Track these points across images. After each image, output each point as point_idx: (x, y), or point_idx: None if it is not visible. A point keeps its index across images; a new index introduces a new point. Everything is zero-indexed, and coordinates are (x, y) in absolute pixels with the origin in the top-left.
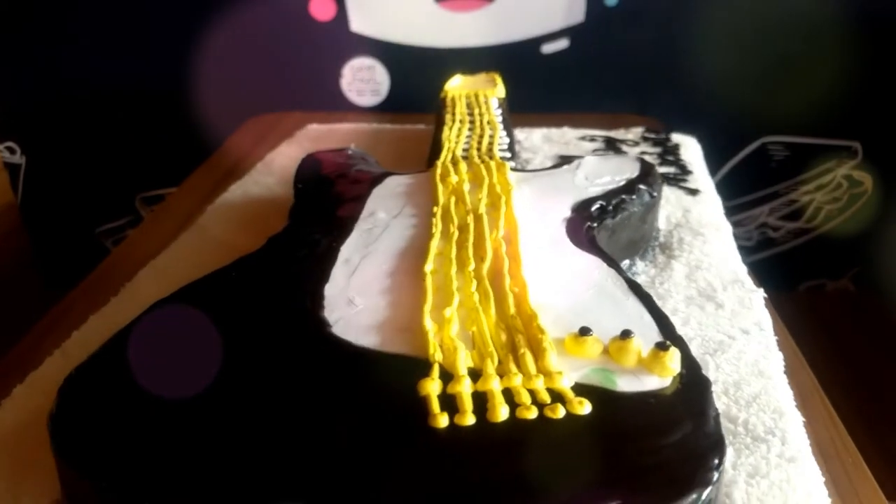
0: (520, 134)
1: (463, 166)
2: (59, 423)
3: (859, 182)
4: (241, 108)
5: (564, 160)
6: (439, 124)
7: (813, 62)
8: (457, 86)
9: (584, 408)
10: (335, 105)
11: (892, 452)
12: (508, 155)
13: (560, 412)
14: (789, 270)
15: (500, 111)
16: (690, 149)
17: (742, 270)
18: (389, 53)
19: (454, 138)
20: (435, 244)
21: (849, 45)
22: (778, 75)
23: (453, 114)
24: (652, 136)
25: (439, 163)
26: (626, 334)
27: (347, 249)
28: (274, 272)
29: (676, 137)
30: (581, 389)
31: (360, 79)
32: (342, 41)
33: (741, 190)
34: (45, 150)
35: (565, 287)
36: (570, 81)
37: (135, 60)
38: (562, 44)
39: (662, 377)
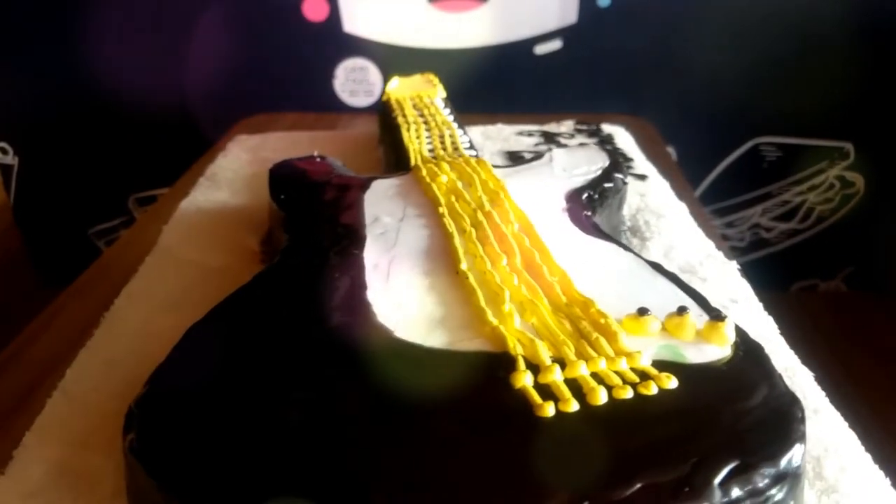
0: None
1: (445, 165)
2: (147, 445)
3: (851, 182)
4: (234, 109)
5: (516, 155)
6: (389, 127)
7: (805, 63)
8: (396, 88)
9: (671, 382)
10: (328, 106)
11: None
12: (474, 153)
13: (653, 389)
14: (782, 271)
15: (447, 111)
16: (622, 137)
17: (711, 245)
18: (382, 54)
19: (415, 139)
20: (458, 242)
21: (841, 47)
22: (770, 76)
23: (404, 115)
24: (584, 127)
25: (419, 163)
26: (682, 310)
27: (371, 255)
28: (305, 286)
29: (607, 128)
30: (658, 366)
31: (353, 79)
32: (335, 42)
33: (734, 191)
34: (37, 150)
35: (597, 272)
36: (563, 82)
37: (128, 60)
38: (555, 45)
39: (722, 346)
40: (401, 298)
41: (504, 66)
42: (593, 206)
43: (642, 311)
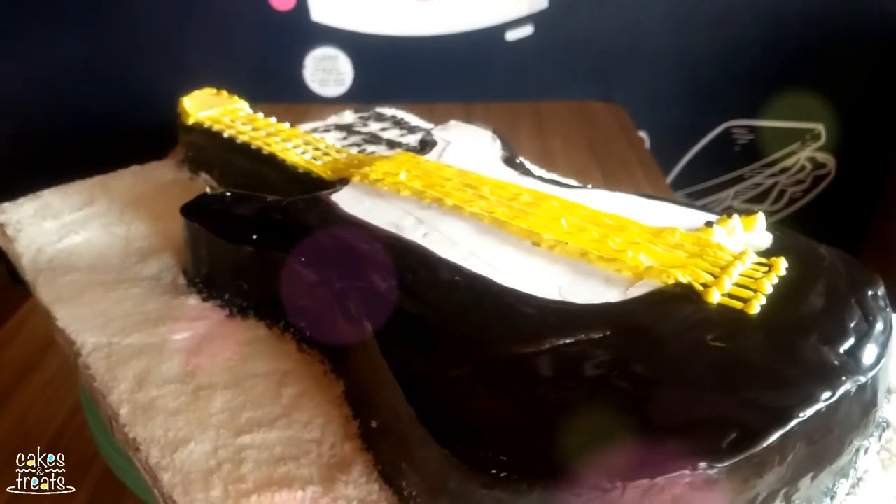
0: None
1: (382, 164)
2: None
3: (823, 164)
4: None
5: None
6: (224, 147)
7: (775, 45)
8: (192, 106)
9: (782, 262)
10: (298, 97)
11: None
12: (356, 150)
13: (782, 269)
14: None
15: (262, 115)
16: (408, 114)
17: None
18: (352, 43)
19: (289, 151)
20: (509, 221)
21: (811, 28)
22: (741, 59)
23: (242, 132)
24: (365, 113)
25: (353, 170)
26: (710, 222)
27: (442, 253)
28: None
29: (382, 109)
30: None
31: (322, 69)
32: (303, 31)
33: (706, 174)
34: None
35: (616, 209)
36: (534, 68)
37: (90, 51)
38: (526, 30)
39: (764, 233)
40: (527, 278)
41: (475, 53)
42: (525, 168)
43: (709, 224)
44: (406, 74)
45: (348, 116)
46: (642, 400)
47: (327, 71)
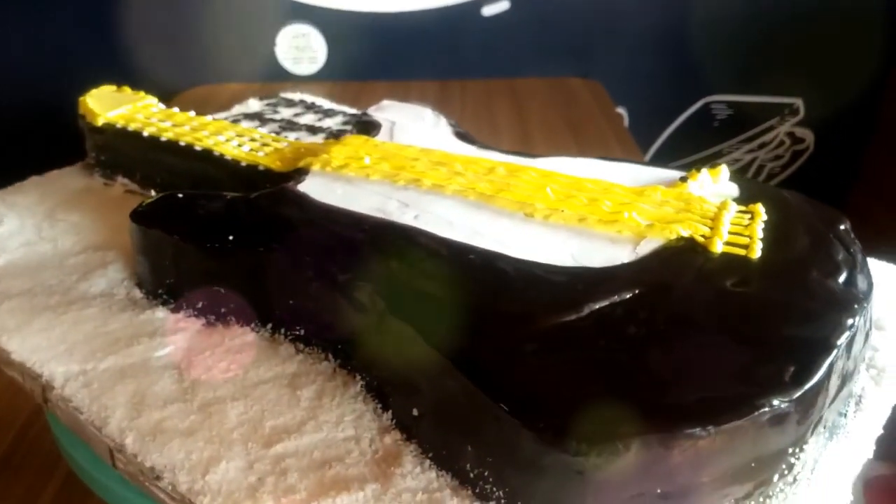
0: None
1: (339, 150)
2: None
3: (801, 139)
4: (172, 81)
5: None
6: (145, 147)
7: (754, 20)
8: (98, 105)
9: (761, 207)
10: (271, 75)
11: None
12: (294, 136)
13: (763, 215)
14: None
15: (192, 112)
16: (317, 98)
17: None
18: (325, 19)
19: (229, 145)
20: (499, 195)
21: (789, 3)
22: (720, 35)
23: (155, 131)
24: (272, 99)
25: (309, 159)
26: (684, 178)
27: (442, 233)
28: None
29: (288, 94)
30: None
31: (295, 46)
32: (275, 7)
33: (685, 151)
34: None
35: (600, 174)
36: (511, 45)
37: (58, 34)
38: (503, 5)
39: (728, 184)
40: (538, 249)
41: (451, 29)
42: (479, 142)
43: (683, 179)
44: (381, 51)
45: (254, 105)
46: (700, 349)
47: (300, 48)
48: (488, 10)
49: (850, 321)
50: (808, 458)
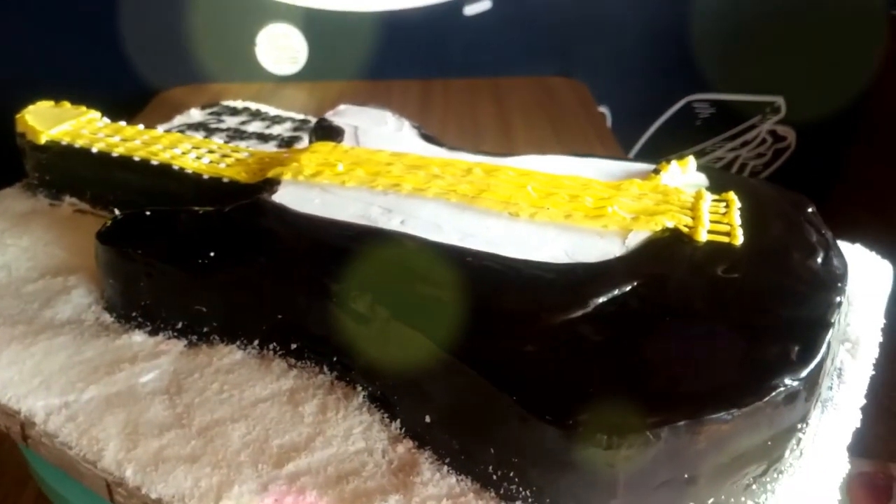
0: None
1: (308, 158)
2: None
3: (783, 137)
4: (152, 81)
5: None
6: (95, 164)
7: (735, 19)
8: (38, 122)
9: (734, 196)
10: (252, 75)
11: None
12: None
13: (737, 204)
14: None
15: (124, 122)
16: (260, 104)
17: None
18: (306, 19)
19: (189, 162)
20: (481, 196)
21: (770, 1)
22: (701, 33)
23: (104, 147)
24: (213, 108)
25: (278, 169)
26: (656, 170)
27: (433, 238)
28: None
29: (229, 102)
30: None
31: (276, 46)
32: (255, 7)
33: (668, 149)
34: None
35: (574, 170)
36: (494, 44)
37: (43, 35)
38: (484, 5)
39: (697, 174)
40: (530, 247)
41: (433, 28)
42: (445, 143)
43: (656, 171)
44: (362, 51)
45: (196, 115)
46: (706, 336)
47: (281, 48)
48: (470, 10)
49: (838, 298)
50: (810, 432)
